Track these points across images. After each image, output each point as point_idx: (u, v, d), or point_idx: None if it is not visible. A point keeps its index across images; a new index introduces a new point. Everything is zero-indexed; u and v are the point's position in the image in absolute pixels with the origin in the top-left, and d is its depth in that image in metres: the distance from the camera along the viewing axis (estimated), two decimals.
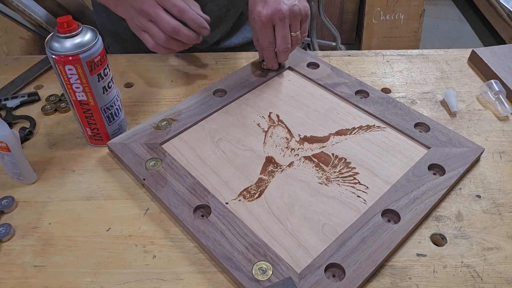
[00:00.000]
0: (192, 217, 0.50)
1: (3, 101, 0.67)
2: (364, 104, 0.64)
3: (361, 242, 0.47)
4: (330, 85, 0.68)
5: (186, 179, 0.54)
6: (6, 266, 0.47)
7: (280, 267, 0.45)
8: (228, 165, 0.56)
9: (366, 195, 0.52)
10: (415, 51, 0.78)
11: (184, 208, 0.50)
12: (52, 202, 0.54)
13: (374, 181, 0.54)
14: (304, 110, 0.64)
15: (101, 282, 0.46)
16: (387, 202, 0.51)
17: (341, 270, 0.45)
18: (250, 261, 0.45)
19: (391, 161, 0.56)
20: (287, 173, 0.55)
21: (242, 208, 0.51)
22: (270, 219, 0.50)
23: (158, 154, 0.57)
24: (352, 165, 0.56)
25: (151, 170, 0.55)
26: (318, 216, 0.50)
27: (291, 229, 0.49)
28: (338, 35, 1.89)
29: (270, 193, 0.53)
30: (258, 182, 0.54)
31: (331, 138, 0.60)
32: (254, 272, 0.44)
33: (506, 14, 2.08)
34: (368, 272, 0.44)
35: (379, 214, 0.49)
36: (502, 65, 0.70)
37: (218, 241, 0.47)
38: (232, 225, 0.49)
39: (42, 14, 1.09)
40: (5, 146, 0.51)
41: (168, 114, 0.63)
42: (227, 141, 0.60)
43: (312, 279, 0.44)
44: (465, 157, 0.56)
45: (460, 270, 0.46)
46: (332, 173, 0.55)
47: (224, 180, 0.55)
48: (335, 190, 0.53)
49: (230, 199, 0.52)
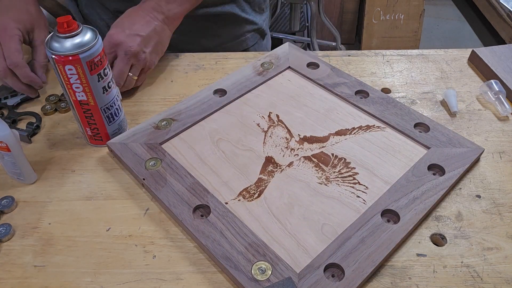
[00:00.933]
0: (192, 217, 0.50)
1: (3, 100, 0.67)
2: (364, 104, 0.64)
3: (361, 242, 0.47)
4: (330, 85, 0.68)
5: (185, 179, 0.54)
6: (6, 266, 0.47)
7: (280, 267, 0.45)
8: (227, 165, 0.56)
9: (366, 195, 0.52)
10: (415, 51, 0.78)
11: (183, 208, 0.51)
12: (52, 202, 0.54)
13: (374, 181, 0.54)
14: (304, 110, 0.64)
15: (101, 282, 0.46)
16: (386, 202, 0.51)
17: (341, 270, 0.45)
18: (250, 261, 0.45)
19: (391, 161, 0.56)
20: (287, 173, 0.55)
21: (242, 208, 0.51)
22: (270, 219, 0.50)
23: (158, 154, 0.57)
24: (351, 165, 0.56)
25: (151, 170, 0.55)
26: (317, 216, 0.50)
27: (290, 229, 0.49)
28: (338, 35, 1.90)
29: (269, 193, 0.53)
30: (258, 182, 0.54)
31: (331, 138, 0.60)
32: (253, 272, 0.44)
33: (506, 14, 2.08)
34: (367, 272, 0.44)
35: (379, 214, 0.49)
36: (502, 65, 0.70)
37: (218, 241, 0.47)
38: (232, 225, 0.49)
39: None
40: (5, 146, 0.51)
41: (168, 114, 0.63)
42: (227, 141, 0.60)
43: (312, 279, 0.44)
44: (464, 157, 0.56)
45: (460, 270, 0.46)
46: (332, 173, 0.55)
47: (223, 180, 0.55)
48: (334, 190, 0.53)
49: (229, 199, 0.52)
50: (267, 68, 0.71)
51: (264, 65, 0.71)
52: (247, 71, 0.71)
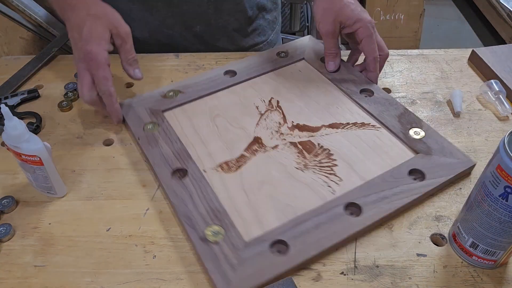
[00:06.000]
0: (170, 177, 0.54)
1: (3, 100, 0.67)
2: (366, 103, 0.64)
3: (315, 227, 0.48)
4: (338, 80, 0.68)
5: (175, 144, 0.58)
6: (6, 266, 0.47)
7: (231, 233, 0.48)
8: (217, 138, 0.60)
9: (337, 186, 0.53)
10: (415, 51, 0.78)
11: (164, 169, 0.55)
12: (52, 202, 0.54)
13: (350, 175, 0.54)
14: (305, 100, 0.65)
15: (101, 282, 0.46)
16: (355, 196, 0.51)
17: (287, 247, 0.46)
18: (206, 223, 0.49)
19: (374, 160, 0.56)
20: (269, 154, 0.58)
21: (217, 178, 0.55)
22: (238, 192, 0.53)
23: (158, 119, 0.62)
24: (333, 157, 0.57)
25: (147, 132, 0.60)
26: (283, 197, 0.52)
27: (254, 203, 0.51)
28: None
29: (247, 170, 0.56)
30: (240, 158, 0.57)
31: (322, 130, 0.61)
32: (206, 233, 0.47)
33: (506, 14, 2.08)
34: (310, 254, 0.46)
35: (342, 206, 0.50)
36: (502, 65, 0.70)
37: (185, 201, 0.51)
38: (202, 190, 0.52)
39: (42, 14, 1.09)
40: (38, 160, 0.49)
41: (177, 86, 0.67)
42: (223, 118, 0.63)
43: (256, 249, 0.46)
44: (450, 168, 0.54)
45: (460, 270, 0.46)
46: (312, 161, 0.56)
47: (209, 151, 0.58)
48: (308, 177, 0.54)
49: (208, 168, 0.56)
50: (283, 57, 0.73)
51: (280, 54, 0.73)
52: (262, 58, 0.73)
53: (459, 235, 0.47)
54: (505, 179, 0.39)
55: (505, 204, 0.40)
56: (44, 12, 1.10)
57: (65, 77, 0.72)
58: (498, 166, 0.40)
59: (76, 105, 0.68)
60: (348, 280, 0.46)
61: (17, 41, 1.16)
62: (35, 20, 1.10)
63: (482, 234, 0.44)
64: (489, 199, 0.41)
